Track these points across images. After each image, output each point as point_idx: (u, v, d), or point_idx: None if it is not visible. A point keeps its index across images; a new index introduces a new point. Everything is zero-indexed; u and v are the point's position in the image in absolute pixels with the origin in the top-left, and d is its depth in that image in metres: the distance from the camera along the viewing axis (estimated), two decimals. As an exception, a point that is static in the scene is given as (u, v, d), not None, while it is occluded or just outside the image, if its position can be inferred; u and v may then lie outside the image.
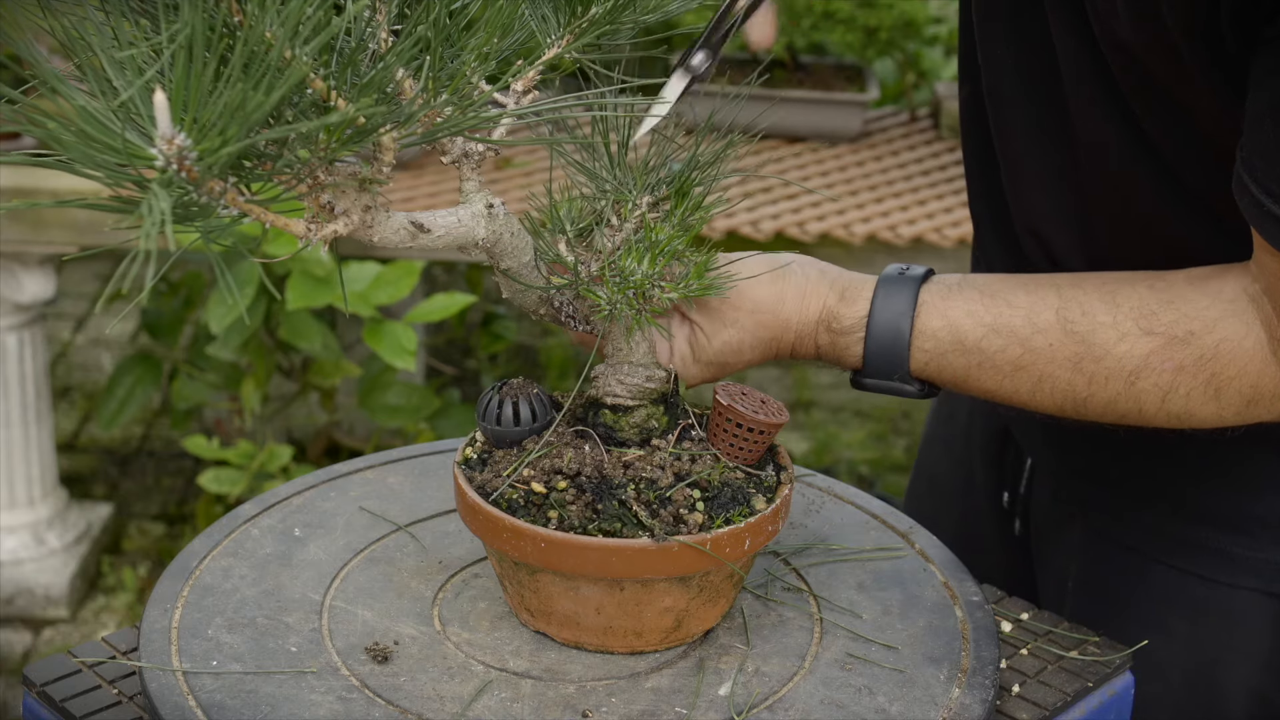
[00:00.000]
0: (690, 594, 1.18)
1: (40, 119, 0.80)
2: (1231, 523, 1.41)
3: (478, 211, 1.13)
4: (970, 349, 1.28)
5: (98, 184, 0.83)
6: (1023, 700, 1.24)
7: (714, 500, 1.17)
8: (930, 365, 1.29)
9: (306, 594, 1.26)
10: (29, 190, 2.72)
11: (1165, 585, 1.45)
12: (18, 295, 2.93)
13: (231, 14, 0.88)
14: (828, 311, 1.30)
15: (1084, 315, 1.25)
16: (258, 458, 2.96)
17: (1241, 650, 1.43)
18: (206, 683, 1.15)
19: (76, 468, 3.72)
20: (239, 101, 0.78)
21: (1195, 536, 1.43)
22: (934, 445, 1.80)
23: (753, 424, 1.19)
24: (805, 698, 1.16)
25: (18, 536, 3.11)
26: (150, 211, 0.75)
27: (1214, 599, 1.43)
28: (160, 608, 1.23)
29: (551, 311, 1.22)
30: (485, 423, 1.21)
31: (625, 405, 1.21)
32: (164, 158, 0.81)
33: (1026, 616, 1.35)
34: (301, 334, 2.92)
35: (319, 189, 0.99)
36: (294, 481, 1.43)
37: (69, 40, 0.88)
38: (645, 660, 1.20)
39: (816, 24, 3.37)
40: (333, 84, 0.93)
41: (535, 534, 1.14)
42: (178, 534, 3.47)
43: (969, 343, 1.28)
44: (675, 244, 1.18)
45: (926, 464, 1.81)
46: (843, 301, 1.30)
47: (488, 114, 1.06)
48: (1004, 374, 1.28)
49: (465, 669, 1.18)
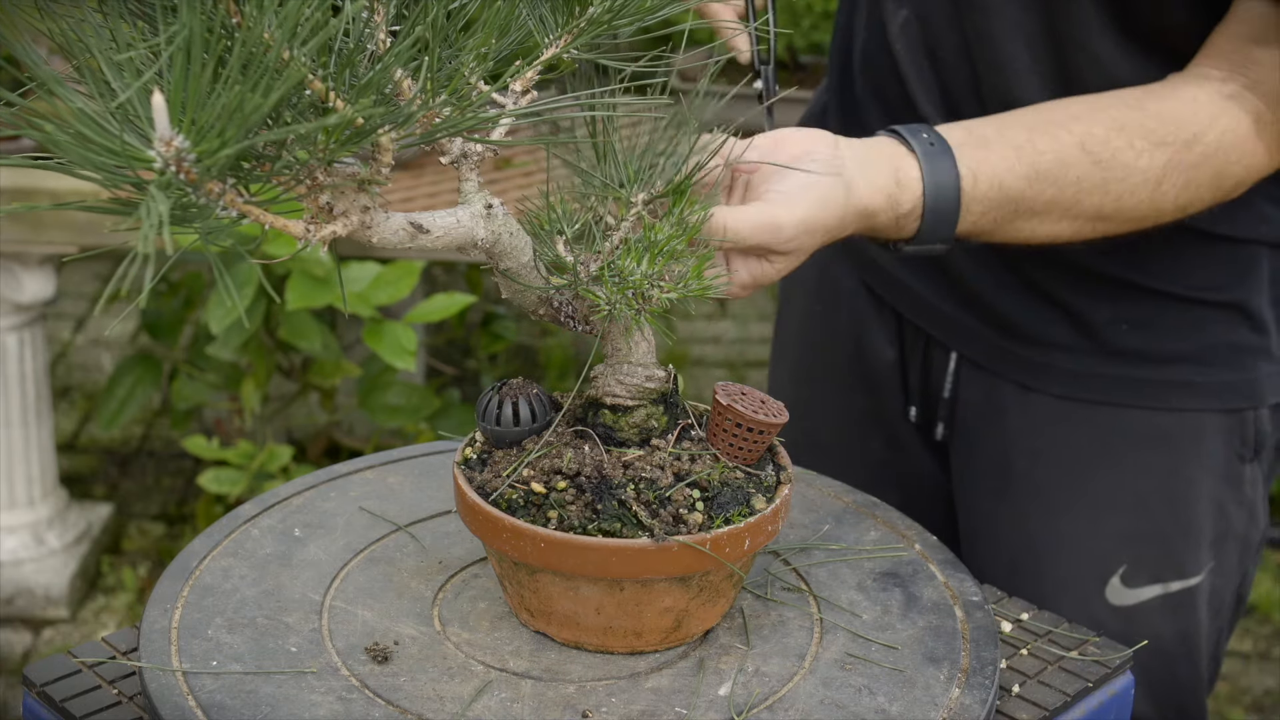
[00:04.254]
0: (690, 594, 1.18)
1: (38, 121, 0.80)
2: (1194, 356, 1.61)
3: (477, 212, 1.13)
4: (1014, 200, 1.40)
5: (96, 185, 0.83)
6: (1023, 700, 1.24)
7: (714, 500, 1.17)
8: (976, 223, 1.40)
9: (306, 594, 1.26)
10: (28, 191, 2.72)
11: (1138, 426, 1.62)
12: (18, 295, 2.93)
13: (229, 15, 0.88)
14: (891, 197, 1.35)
15: (1102, 145, 1.41)
16: (258, 458, 2.96)
17: (1205, 466, 1.62)
18: (206, 683, 1.15)
19: (76, 468, 3.72)
20: (237, 103, 0.78)
21: (1166, 375, 1.61)
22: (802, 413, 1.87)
23: (753, 424, 1.19)
24: (805, 698, 1.16)
25: (18, 536, 3.11)
26: (148, 214, 0.75)
27: (1183, 426, 1.62)
28: (160, 608, 1.24)
29: (550, 311, 1.22)
30: (485, 423, 1.21)
31: (625, 405, 1.21)
32: (162, 159, 0.81)
33: (1026, 616, 1.35)
34: (301, 334, 2.92)
35: (318, 190, 0.99)
36: (294, 481, 1.43)
37: (67, 42, 0.88)
38: (645, 660, 1.20)
39: (816, 24, 3.37)
40: (331, 85, 0.93)
41: (535, 534, 1.14)
42: (178, 534, 3.47)
43: (1013, 195, 1.40)
44: (674, 244, 1.17)
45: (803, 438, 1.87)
46: (900, 186, 1.36)
47: (486, 114, 1.06)
48: (1037, 213, 1.42)
49: (465, 669, 1.18)
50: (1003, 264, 1.63)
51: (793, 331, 1.90)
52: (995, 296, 1.65)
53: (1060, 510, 1.65)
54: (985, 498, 1.71)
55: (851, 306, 1.78)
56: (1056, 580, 1.62)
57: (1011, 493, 1.67)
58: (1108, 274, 1.60)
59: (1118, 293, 1.61)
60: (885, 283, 1.74)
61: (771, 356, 1.96)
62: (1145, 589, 1.63)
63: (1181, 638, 1.64)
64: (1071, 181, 1.41)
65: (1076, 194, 1.41)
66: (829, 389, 1.84)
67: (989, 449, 1.70)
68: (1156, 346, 1.61)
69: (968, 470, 1.73)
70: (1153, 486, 1.62)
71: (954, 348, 1.70)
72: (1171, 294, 1.60)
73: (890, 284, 1.74)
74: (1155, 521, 1.62)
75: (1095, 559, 1.63)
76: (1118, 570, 1.62)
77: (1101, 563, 1.63)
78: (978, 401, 1.70)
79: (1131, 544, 1.63)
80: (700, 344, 4.45)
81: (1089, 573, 1.63)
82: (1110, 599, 1.62)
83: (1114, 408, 1.62)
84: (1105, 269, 1.60)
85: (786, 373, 1.92)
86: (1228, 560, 1.65)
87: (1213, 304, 1.60)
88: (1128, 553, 1.62)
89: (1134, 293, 1.60)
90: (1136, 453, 1.62)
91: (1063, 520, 1.64)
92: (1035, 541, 1.66)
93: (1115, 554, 1.62)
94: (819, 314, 1.84)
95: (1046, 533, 1.65)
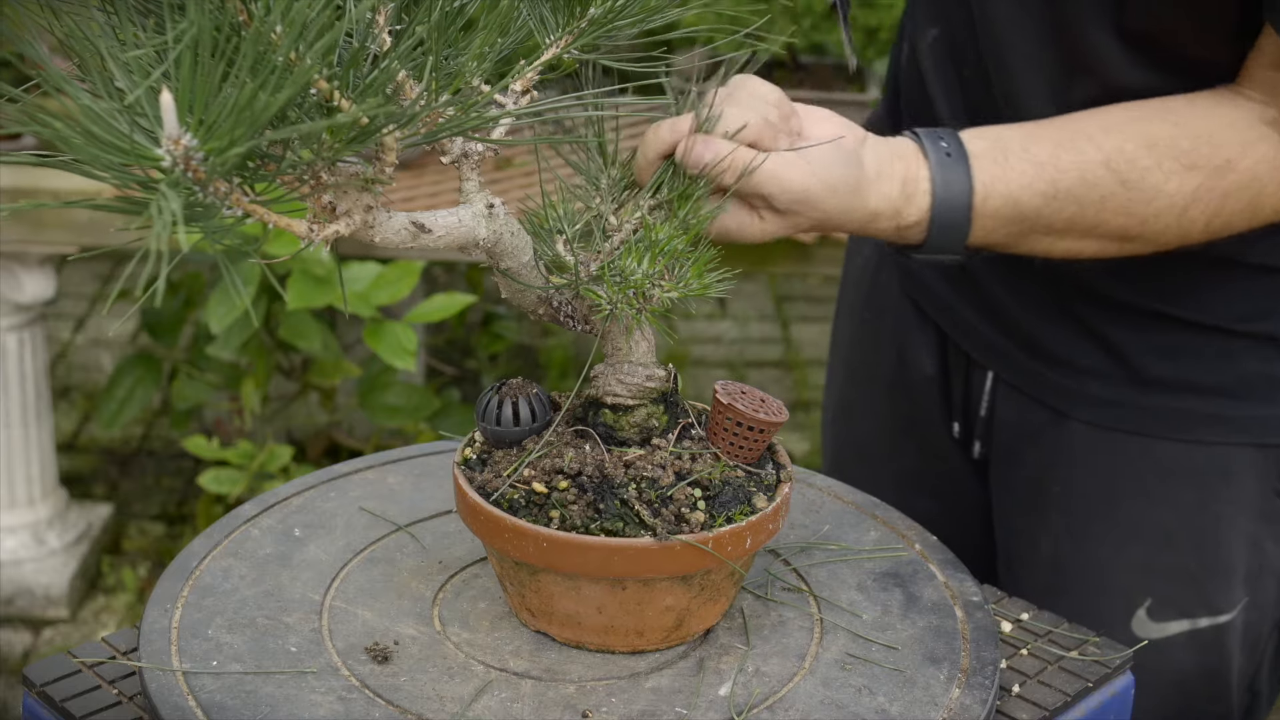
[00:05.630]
0: (691, 593, 1.18)
1: (46, 119, 0.80)
2: (1227, 389, 1.55)
3: (478, 211, 1.13)
4: (1027, 216, 1.36)
5: (99, 184, 0.83)
6: (1023, 700, 1.24)
7: (715, 499, 1.17)
8: (986, 238, 1.36)
9: (306, 594, 1.26)
10: (29, 190, 2.72)
11: (1168, 457, 1.57)
12: (18, 295, 2.93)
13: (236, 14, 0.88)
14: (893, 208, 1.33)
15: (1130, 164, 1.35)
16: (258, 458, 2.97)
17: (1238, 502, 1.57)
18: (206, 683, 1.15)
19: (76, 468, 3.72)
20: (247, 102, 0.78)
21: (1197, 407, 1.55)
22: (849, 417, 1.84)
23: (753, 422, 1.19)
24: (805, 698, 1.16)
25: (18, 536, 3.11)
26: (160, 213, 0.75)
27: (1212, 460, 1.56)
28: (160, 608, 1.24)
29: (551, 311, 1.22)
30: (485, 423, 1.22)
31: (625, 404, 1.21)
32: (170, 158, 0.81)
33: (1026, 616, 1.35)
34: (301, 334, 2.92)
35: (321, 189, 0.99)
36: (294, 481, 1.43)
37: (73, 40, 0.88)
38: (645, 660, 1.20)
39: (816, 24, 3.37)
40: (336, 85, 0.94)
41: (537, 534, 1.14)
42: (178, 534, 3.47)
43: (1027, 212, 1.36)
44: (675, 243, 1.18)
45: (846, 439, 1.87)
46: (907, 200, 1.33)
47: (488, 114, 1.06)
48: (1056, 232, 1.37)
49: (465, 669, 1.18)
50: (1038, 290, 1.60)
51: (845, 335, 1.88)
52: (1030, 321, 1.62)
53: (1090, 537, 1.62)
54: (1021, 517, 1.68)
55: (897, 316, 1.76)
56: (1085, 607, 1.58)
57: (1046, 515, 1.65)
58: (1141, 305, 1.56)
59: (1150, 322, 1.56)
60: (927, 297, 1.72)
61: (829, 358, 1.94)
62: (1172, 624, 1.59)
63: (1208, 675, 1.61)
64: (1095, 201, 1.36)
65: (1099, 213, 1.37)
66: (873, 395, 1.82)
67: (1024, 469, 1.67)
68: (1188, 377, 1.57)
69: (1004, 489, 1.71)
70: (1180, 521, 1.58)
71: (990, 368, 1.67)
72: (1204, 324, 1.55)
73: (931, 299, 1.72)
74: (1182, 556, 1.59)
75: (1121, 590, 1.60)
76: (1143, 603, 1.59)
77: (1126, 594, 1.60)
78: (1013, 422, 1.67)
79: (1157, 577, 1.59)
80: (700, 344, 4.46)
81: (1115, 603, 1.60)
82: (1136, 631, 1.59)
83: (1144, 438, 1.58)
84: (1138, 300, 1.56)
85: (839, 374, 1.90)
86: (1264, 595, 1.60)
87: (1247, 335, 1.55)
88: (1153, 586, 1.59)
89: (1167, 322, 1.56)
90: (1165, 485, 1.58)
91: (1092, 548, 1.61)
92: (1066, 566, 1.63)
93: (1141, 586, 1.59)
94: (868, 320, 1.82)
95: (1077, 558, 1.63)
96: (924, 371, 1.74)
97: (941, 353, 1.73)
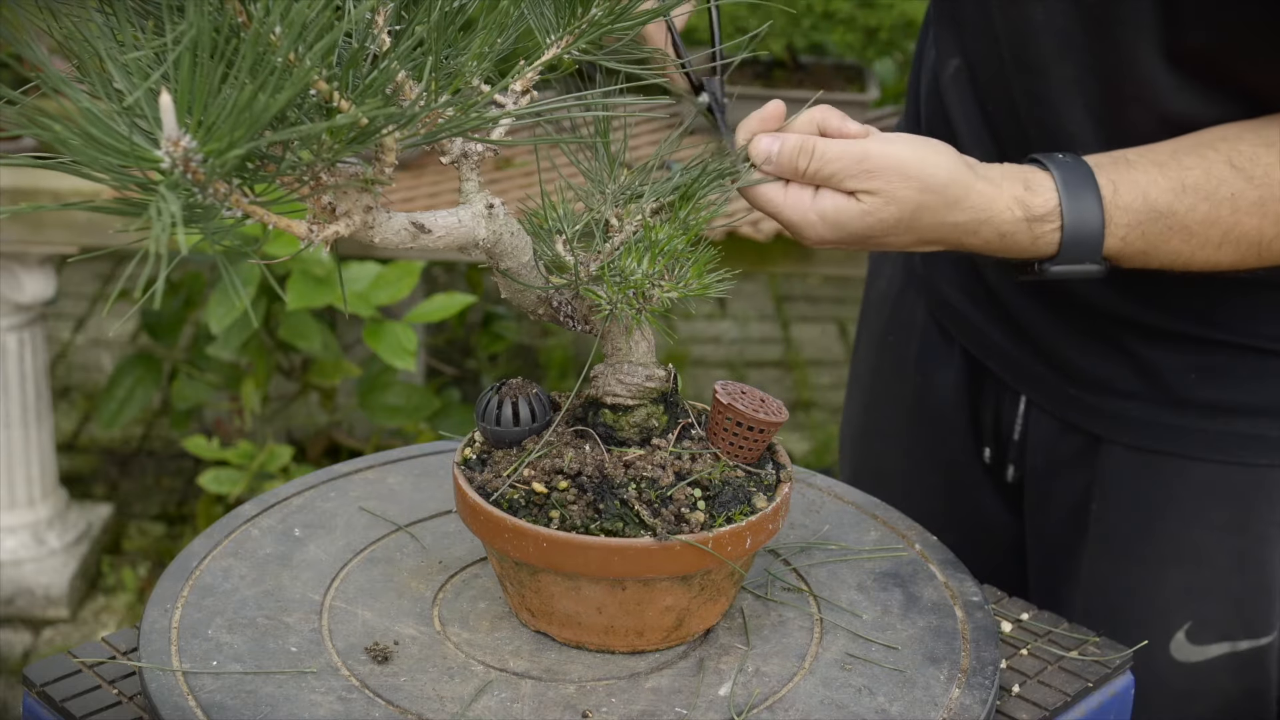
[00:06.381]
0: (691, 593, 1.18)
1: (46, 121, 0.80)
2: (1265, 409, 1.52)
3: (478, 212, 1.13)
4: (1163, 214, 1.32)
5: (98, 185, 0.83)
6: (1023, 700, 1.24)
7: (715, 499, 1.17)
8: (1124, 241, 1.33)
9: (306, 594, 1.26)
10: (29, 191, 2.72)
11: (1207, 479, 1.55)
12: (18, 295, 2.93)
13: (235, 15, 0.88)
14: (1019, 199, 1.30)
15: (1253, 161, 1.32)
16: (258, 458, 2.96)
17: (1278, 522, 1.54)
18: (206, 683, 1.15)
19: (76, 468, 3.72)
20: (247, 103, 0.78)
21: (1235, 428, 1.53)
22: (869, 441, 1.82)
23: (753, 422, 1.19)
24: (805, 698, 1.16)
25: (18, 536, 3.11)
26: (159, 214, 0.75)
27: (1254, 481, 1.54)
28: (160, 608, 1.24)
29: (550, 311, 1.22)
30: (485, 423, 1.22)
31: (625, 405, 1.21)
32: (170, 160, 0.81)
33: (1026, 616, 1.35)
34: (301, 334, 2.92)
35: (321, 190, 0.99)
36: (294, 481, 1.43)
37: (72, 42, 0.88)
38: (645, 660, 1.20)
39: (816, 24, 3.37)
40: (335, 85, 0.94)
41: (537, 534, 1.14)
42: (178, 534, 3.47)
43: (1161, 208, 1.32)
44: (675, 244, 1.18)
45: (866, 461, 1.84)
46: (1029, 190, 1.30)
47: (488, 114, 1.06)
48: (1193, 233, 1.33)
49: (465, 669, 1.18)
50: (1074, 315, 1.58)
51: (866, 359, 1.86)
52: (1066, 346, 1.60)
53: (1129, 559, 1.60)
54: (1057, 540, 1.66)
55: (923, 341, 1.74)
56: (1123, 631, 1.54)
57: (1085, 536, 1.63)
58: (1175, 328, 1.53)
59: (1187, 344, 1.54)
60: (956, 322, 1.70)
61: (848, 380, 1.91)
62: (1212, 646, 1.57)
63: (1250, 696, 1.59)
64: (1226, 198, 1.32)
65: (1233, 213, 1.33)
66: (895, 420, 1.80)
67: (1060, 492, 1.65)
68: (1228, 398, 1.54)
69: (1039, 512, 1.69)
70: (1220, 543, 1.56)
71: (1023, 391, 1.65)
72: (1241, 345, 1.53)
73: (960, 323, 1.69)
74: (1222, 579, 1.57)
75: (1160, 612, 1.58)
76: (1183, 626, 1.57)
77: (1165, 617, 1.58)
78: (1048, 445, 1.65)
79: (1198, 600, 1.58)
80: (700, 344, 4.46)
81: (1155, 626, 1.58)
82: (1175, 654, 1.57)
83: (1182, 459, 1.56)
84: (1172, 323, 1.53)
85: (859, 399, 1.87)
86: None
87: None
88: (1193, 609, 1.57)
89: (1205, 344, 1.53)
90: (1204, 507, 1.56)
91: (1131, 570, 1.60)
92: (1107, 587, 1.62)
93: (1180, 609, 1.58)
94: (891, 345, 1.80)
95: (1115, 581, 1.61)
96: (951, 397, 1.72)
97: (969, 377, 1.71)
